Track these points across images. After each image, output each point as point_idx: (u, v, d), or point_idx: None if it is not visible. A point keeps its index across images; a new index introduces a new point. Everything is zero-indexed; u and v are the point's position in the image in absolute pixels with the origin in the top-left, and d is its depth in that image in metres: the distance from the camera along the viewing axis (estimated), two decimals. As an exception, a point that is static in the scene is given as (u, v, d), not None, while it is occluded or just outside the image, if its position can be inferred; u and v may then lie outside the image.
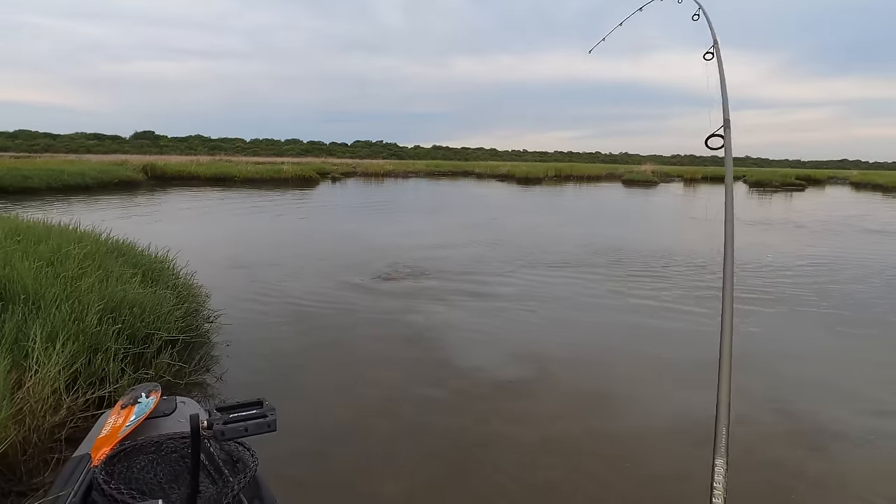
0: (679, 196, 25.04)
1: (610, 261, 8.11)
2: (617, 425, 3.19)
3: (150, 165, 23.31)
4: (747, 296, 6.05)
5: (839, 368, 4.20)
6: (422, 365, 4.03)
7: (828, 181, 38.83)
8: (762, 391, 3.66)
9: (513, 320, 5.13)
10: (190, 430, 1.28)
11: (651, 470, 2.75)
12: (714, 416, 1.24)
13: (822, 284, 6.84)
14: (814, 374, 4.08)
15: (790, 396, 3.64)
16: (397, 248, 8.65)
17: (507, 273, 7.11)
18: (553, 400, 3.52)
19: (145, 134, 61.07)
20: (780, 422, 3.28)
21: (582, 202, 20.94)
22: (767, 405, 3.47)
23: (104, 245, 4.75)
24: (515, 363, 4.08)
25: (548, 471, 2.71)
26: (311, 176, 25.96)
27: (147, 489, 1.39)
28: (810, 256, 8.90)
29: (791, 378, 3.99)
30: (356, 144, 69.20)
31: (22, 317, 2.89)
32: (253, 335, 4.49)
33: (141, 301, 3.55)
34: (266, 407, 1.35)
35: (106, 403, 2.66)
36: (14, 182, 15.80)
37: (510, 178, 32.31)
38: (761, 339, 4.72)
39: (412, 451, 2.86)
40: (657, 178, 33.45)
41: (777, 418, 3.32)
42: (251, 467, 1.44)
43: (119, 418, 1.72)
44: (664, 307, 5.65)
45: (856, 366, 4.26)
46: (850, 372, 4.13)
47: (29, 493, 2.13)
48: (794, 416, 3.36)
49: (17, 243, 4.03)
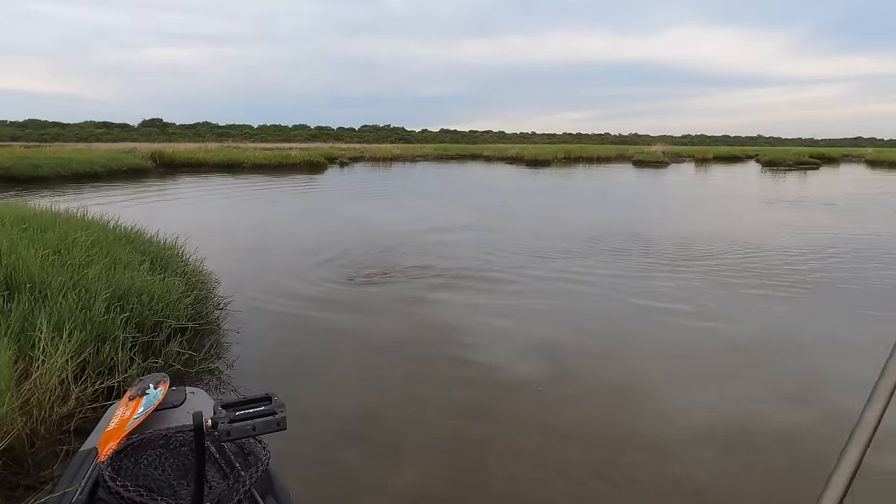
0: (690, 175, 24.70)
1: (633, 247, 7.98)
2: (653, 432, 2.99)
3: (158, 153, 23.29)
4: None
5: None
6: (436, 353, 3.95)
7: (842, 159, 38.16)
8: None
9: (534, 310, 5.04)
10: (193, 430, 1.21)
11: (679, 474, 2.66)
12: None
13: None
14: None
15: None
16: (407, 234, 8.56)
17: (528, 263, 7.00)
18: (572, 394, 3.43)
19: (153, 121, 61.08)
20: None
21: (596, 184, 20.70)
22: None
23: (112, 232, 4.70)
24: (533, 357, 3.97)
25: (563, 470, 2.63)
26: (319, 161, 25.85)
27: (155, 486, 1.34)
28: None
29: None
30: (363, 129, 68.87)
31: (28, 306, 2.84)
32: (263, 321, 4.44)
33: (149, 289, 3.49)
34: (275, 403, 1.28)
35: (115, 394, 2.60)
36: (24, 171, 15.83)
37: (519, 160, 32.01)
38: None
39: (428, 442, 2.79)
40: (668, 159, 33.00)
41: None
42: (263, 461, 1.37)
43: (127, 410, 1.67)
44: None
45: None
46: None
47: (37, 487, 2.08)
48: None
49: (24, 231, 3.98)
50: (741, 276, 6.02)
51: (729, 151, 41.24)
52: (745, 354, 3.92)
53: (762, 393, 3.32)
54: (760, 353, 3.95)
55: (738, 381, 3.49)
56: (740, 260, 6.84)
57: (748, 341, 4.18)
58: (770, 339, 4.20)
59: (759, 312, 4.85)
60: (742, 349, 4.01)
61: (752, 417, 3.00)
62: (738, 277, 5.93)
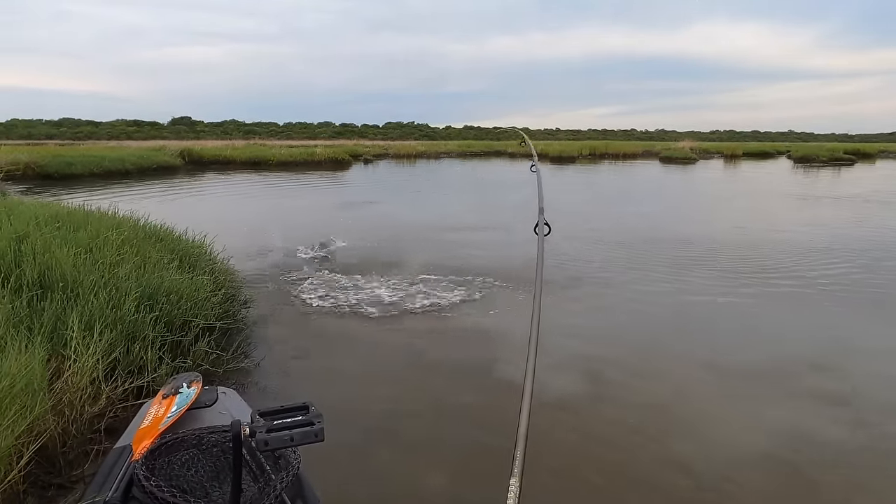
0: (719, 172, 24.18)
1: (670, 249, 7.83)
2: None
3: (187, 150, 23.66)
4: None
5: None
6: (469, 356, 3.89)
7: (878, 155, 36.91)
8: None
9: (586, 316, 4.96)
10: (231, 436, 1.21)
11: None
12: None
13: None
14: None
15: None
16: (434, 231, 8.52)
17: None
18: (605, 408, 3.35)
19: (183, 119, 62.08)
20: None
21: (622, 181, 20.41)
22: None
23: (142, 230, 4.75)
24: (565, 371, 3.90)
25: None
26: (344, 158, 25.99)
27: (188, 487, 1.35)
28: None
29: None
30: (387, 126, 69.00)
31: (61, 304, 2.87)
32: (291, 319, 4.45)
33: (178, 288, 3.51)
34: (312, 413, 1.25)
35: (145, 393, 2.62)
36: (59, 169, 16.24)
37: (543, 157, 31.76)
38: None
39: (459, 445, 2.75)
40: (696, 155, 32.33)
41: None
42: (293, 465, 1.37)
43: (160, 409, 1.69)
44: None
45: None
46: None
47: (69, 486, 2.09)
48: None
49: (57, 230, 4.04)
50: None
51: (759, 147, 40.23)
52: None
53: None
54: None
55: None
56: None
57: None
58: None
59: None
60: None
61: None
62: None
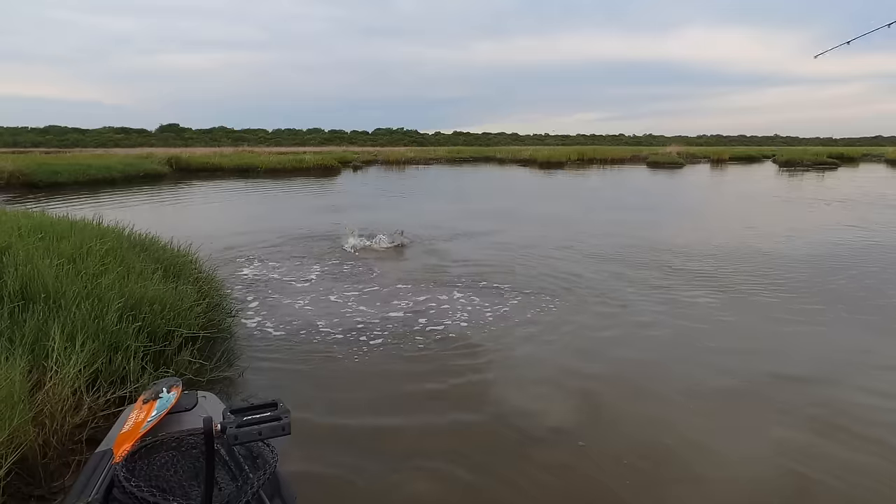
0: (705, 176, 24.43)
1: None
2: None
3: (174, 158, 23.56)
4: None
5: None
6: (456, 364, 3.91)
7: (861, 158, 37.47)
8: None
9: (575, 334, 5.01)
10: (203, 434, 1.26)
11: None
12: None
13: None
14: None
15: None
16: (426, 238, 8.56)
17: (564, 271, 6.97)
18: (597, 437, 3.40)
19: (170, 127, 61.66)
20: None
21: (611, 186, 20.56)
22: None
23: (126, 240, 4.75)
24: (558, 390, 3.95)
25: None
26: (333, 165, 25.96)
27: (168, 487, 1.39)
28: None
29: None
30: (377, 132, 68.98)
31: (43, 316, 2.88)
32: (277, 327, 4.46)
33: (161, 297, 3.52)
34: (280, 409, 1.36)
35: (127, 403, 2.62)
36: (44, 177, 16.13)
37: (532, 162, 31.91)
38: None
39: (440, 454, 2.77)
40: (683, 160, 32.63)
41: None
42: (271, 463, 1.43)
43: (141, 413, 1.73)
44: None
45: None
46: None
47: (49, 497, 2.10)
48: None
49: (41, 240, 4.04)
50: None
51: (745, 152, 40.73)
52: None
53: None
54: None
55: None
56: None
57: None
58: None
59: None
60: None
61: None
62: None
